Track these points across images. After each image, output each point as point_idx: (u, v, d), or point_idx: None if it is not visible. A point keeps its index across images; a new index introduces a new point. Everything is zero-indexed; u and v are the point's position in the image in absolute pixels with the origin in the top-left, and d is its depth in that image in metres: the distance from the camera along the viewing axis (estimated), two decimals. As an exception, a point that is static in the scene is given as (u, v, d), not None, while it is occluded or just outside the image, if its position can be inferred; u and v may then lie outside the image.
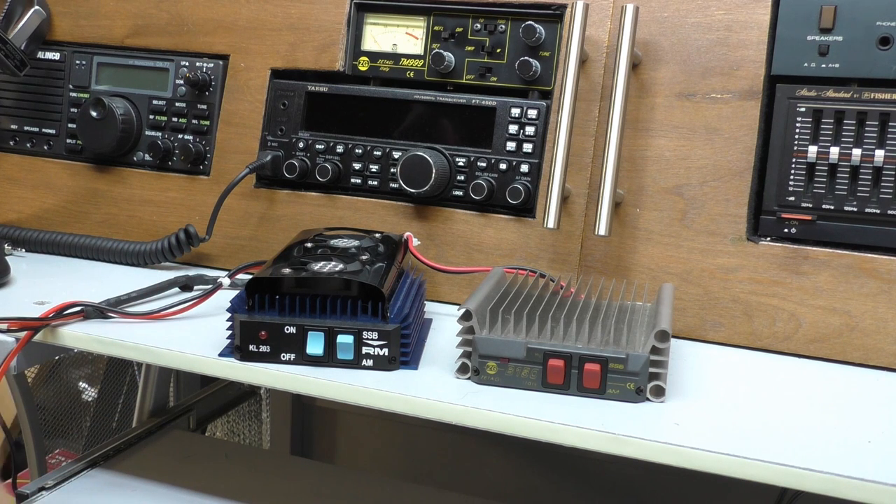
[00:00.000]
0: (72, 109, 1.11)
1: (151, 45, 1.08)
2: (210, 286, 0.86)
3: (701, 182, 0.85)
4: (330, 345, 0.72)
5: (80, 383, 1.67)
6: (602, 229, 0.84)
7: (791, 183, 0.83)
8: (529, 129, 0.92)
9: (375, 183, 0.97)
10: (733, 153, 0.85)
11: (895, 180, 0.79)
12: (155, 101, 1.07)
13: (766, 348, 0.83)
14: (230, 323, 0.73)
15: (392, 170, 0.96)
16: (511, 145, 0.92)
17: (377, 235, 0.89)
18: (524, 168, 0.92)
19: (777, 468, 0.58)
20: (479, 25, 0.95)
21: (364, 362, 0.72)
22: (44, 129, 1.12)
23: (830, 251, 0.81)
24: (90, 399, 1.67)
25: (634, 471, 1.39)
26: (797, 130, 0.83)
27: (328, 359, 0.72)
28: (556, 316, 0.73)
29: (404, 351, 0.73)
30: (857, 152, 0.80)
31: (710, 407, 0.68)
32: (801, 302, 0.82)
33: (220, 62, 1.05)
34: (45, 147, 1.12)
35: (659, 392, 0.68)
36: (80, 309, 0.80)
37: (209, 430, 1.58)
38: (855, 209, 0.81)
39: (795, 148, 0.83)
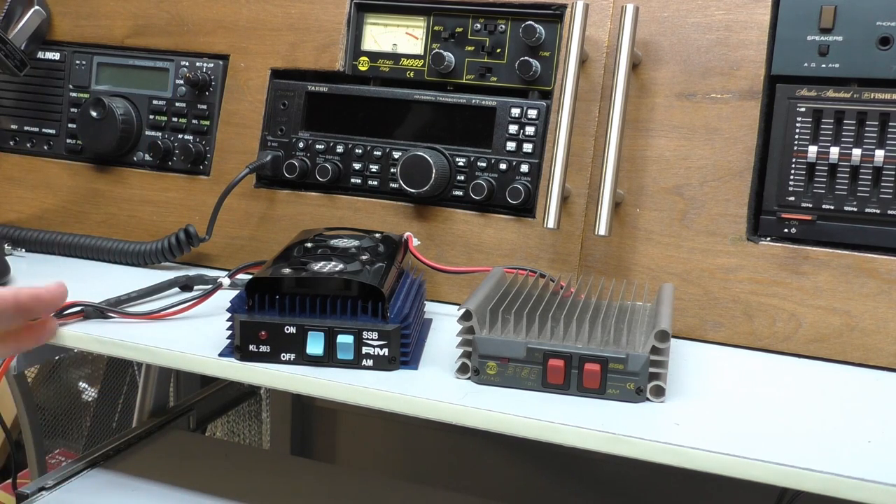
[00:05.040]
0: (72, 109, 1.11)
1: (151, 45, 1.08)
2: (210, 286, 0.86)
3: (701, 182, 0.85)
4: (330, 345, 0.72)
5: (80, 383, 1.67)
6: (602, 229, 0.84)
7: (791, 183, 0.83)
8: (529, 129, 0.92)
9: (375, 183, 0.97)
10: (733, 153, 0.85)
11: (895, 180, 0.79)
12: (155, 101, 1.07)
13: (766, 348, 0.83)
14: (230, 323, 0.73)
15: (392, 170, 0.96)
16: (511, 145, 0.92)
17: (377, 235, 0.89)
18: (524, 168, 0.92)
19: (777, 468, 0.58)
20: (479, 25, 0.95)
21: (364, 362, 0.72)
22: (44, 129, 1.12)
23: (830, 251, 0.81)
24: (90, 399, 1.67)
25: (634, 471, 1.39)
26: (797, 130, 0.83)
27: (328, 359, 0.72)
28: (556, 316, 0.73)
29: (404, 351, 0.73)
30: (857, 152, 0.80)
31: (710, 407, 0.68)
32: (801, 302, 0.82)
33: (220, 62, 1.05)
34: (45, 147, 1.12)
35: (659, 392, 0.68)
36: (80, 309, 0.80)
37: (209, 430, 1.58)
38: (855, 209, 0.81)
39: (795, 148, 0.83)
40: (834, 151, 0.81)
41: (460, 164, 0.94)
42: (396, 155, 0.96)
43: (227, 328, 0.74)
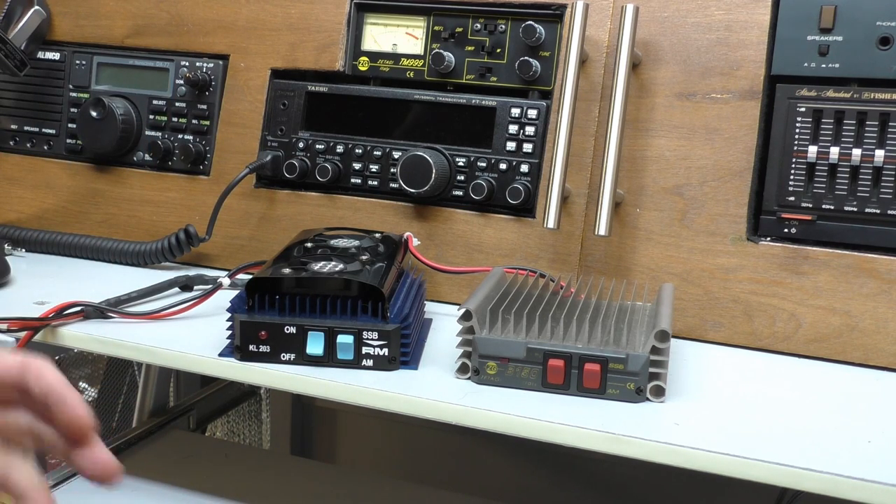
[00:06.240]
0: (72, 109, 1.11)
1: (151, 45, 1.08)
2: (210, 286, 0.86)
3: (701, 182, 0.85)
4: (330, 345, 0.72)
5: (80, 383, 1.67)
6: (602, 229, 0.84)
7: (791, 183, 0.83)
8: (529, 129, 0.92)
9: (375, 183, 0.97)
10: (733, 153, 0.85)
11: (895, 180, 0.79)
12: (155, 101, 1.07)
13: (766, 348, 0.83)
14: (230, 323, 0.73)
15: (392, 170, 0.96)
16: (511, 145, 0.92)
17: (377, 235, 0.89)
18: (524, 168, 0.92)
19: (777, 468, 0.58)
20: (479, 25, 0.95)
21: (364, 362, 0.72)
22: (44, 129, 1.12)
23: (830, 251, 0.81)
24: (90, 399, 1.67)
25: (634, 471, 1.39)
26: (797, 130, 0.83)
27: (328, 359, 0.72)
28: (556, 316, 0.73)
29: (404, 351, 0.73)
30: (857, 152, 0.80)
31: (710, 407, 0.68)
32: (801, 302, 0.82)
33: (220, 62, 1.05)
34: (45, 147, 1.12)
35: (659, 392, 0.68)
36: (80, 309, 0.80)
37: (209, 430, 1.58)
38: (855, 209, 0.81)
39: (795, 148, 0.83)
40: (834, 151, 0.81)
41: (460, 164, 0.94)
42: (396, 155, 0.96)
43: (227, 328, 0.74)
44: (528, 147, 0.92)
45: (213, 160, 1.04)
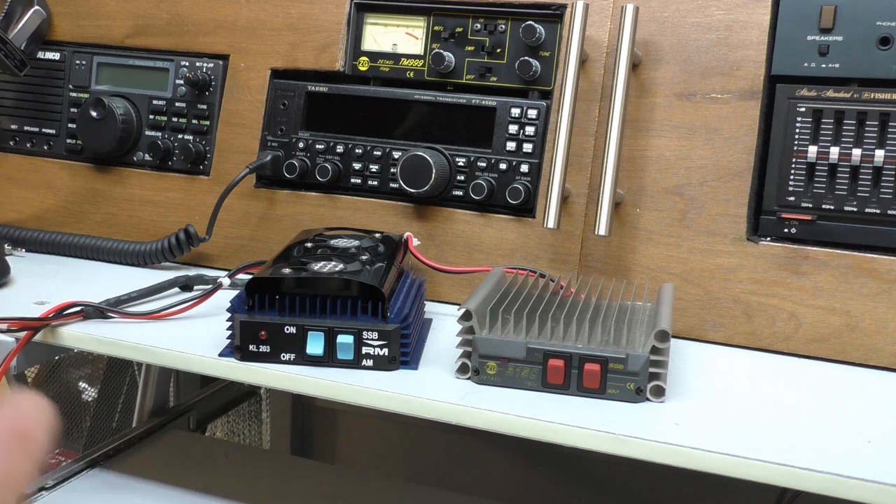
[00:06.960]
0: (72, 109, 1.11)
1: (151, 45, 1.08)
2: (210, 286, 0.86)
3: (701, 182, 0.85)
4: (330, 345, 0.72)
5: (80, 383, 1.67)
6: (602, 229, 0.84)
7: (791, 183, 0.83)
8: (529, 129, 0.92)
9: (375, 183, 0.97)
10: (733, 153, 0.85)
11: (895, 180, 0.79)
12: (155, 101, 1.07)
13: (766, 348, 0.83)
14: (230, 323, 0.73)
15: (392, 170, 0.96)
16: (511, 145, 0.92)
17: (377, 235, 0.89)
18: (524, 168, 0.92)
19: (777, 468, 0.58)
20: (479, 25, 0.95)
21: (364, 362, 0.72)
22: (44, 129, 1.12)
23: (830, 251, 0.81)
24: (90, 399, 1.67)
25: (634, 471, 1.39)
26: (797, 130, 0.83)
27: (328, 359, 0.72)
28: (556, 316, 0.73)
29: (404, 351, 0.73)
30: (857, 152, 0.80)
31: (710, 407, 0.68)
32: (801, 302, 0.82)
33: (220, 62, 1.05)
34: (45, 147, 1.12)
35: (659, 392, 0.68)
36: (80, 309, 0.80)
37: (209, 430, 1.58)
38: (855, 209, 0.81)
39: (795, 148, 0.83)
40: (834, 151, 0.81)
41: (460, 164, 0.94)
42: (396, 155, 0.96)
43: (227, 328, 0.74)
44: (528, 147, 0.92)
45: (213, 160, 1.04)
